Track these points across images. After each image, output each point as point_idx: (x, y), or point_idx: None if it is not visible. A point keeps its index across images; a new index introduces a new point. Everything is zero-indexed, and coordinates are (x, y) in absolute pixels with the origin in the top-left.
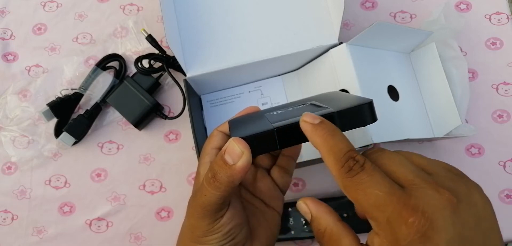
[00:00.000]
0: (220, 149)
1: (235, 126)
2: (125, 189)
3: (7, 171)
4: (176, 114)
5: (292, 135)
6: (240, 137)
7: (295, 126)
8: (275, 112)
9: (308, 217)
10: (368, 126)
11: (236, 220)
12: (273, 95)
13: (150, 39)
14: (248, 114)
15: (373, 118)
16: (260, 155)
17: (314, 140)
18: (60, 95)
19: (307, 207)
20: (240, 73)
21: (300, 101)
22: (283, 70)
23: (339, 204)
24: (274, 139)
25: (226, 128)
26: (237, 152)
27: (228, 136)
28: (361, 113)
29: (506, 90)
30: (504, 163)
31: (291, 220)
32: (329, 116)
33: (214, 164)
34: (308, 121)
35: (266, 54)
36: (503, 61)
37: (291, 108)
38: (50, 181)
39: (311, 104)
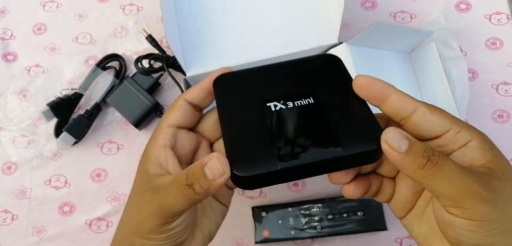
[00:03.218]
0: (178, 127)
1: (227, 116)
2: (125, 189)
3: (7, 171)
4: None
5: (302, 173)
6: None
7: (308, 167)
8: (274, 106)
9: None
10: None
11: (186, 223)
12: None
13: (150, 39)
14: (243, 95)
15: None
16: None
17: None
18: (60, 95)
19: None
20: None
21: (298, 79)
22: None
23: (339, 204)
24: (277, 177)
25: (193, 97)
26: (219, 171)
27: (195, 109)
28: (370, 157)
29: (506, 90)
30: None
31: (291, 220)
32: (336, 160)
33: (191, 173)
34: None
35: (266, 54)
36: (503, 61)
37: (293, 104)
38: (50, 181)
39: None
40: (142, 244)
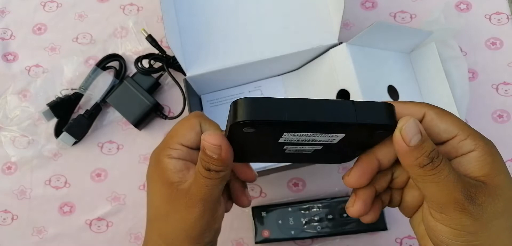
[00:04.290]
0: (190, 148)
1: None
2: (125, 189)
3: (7, 171)
4: (176, 114)
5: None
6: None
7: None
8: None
9: None
10: None
11: (222, 210)
12: (273, 95)
13: (150, 39)
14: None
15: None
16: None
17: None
18: (60, 95)
19: None
20: (240, 73)
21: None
22: (283, 70)
23: (339, 204)
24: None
25: (205, 130)
26: (214, 142)
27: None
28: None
29: (506, 90)
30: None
31: (291, 220)
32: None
33: (203, 158)
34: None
35: (266, 54)
36: (503, 61)
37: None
38: (50, 181)
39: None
40: None
